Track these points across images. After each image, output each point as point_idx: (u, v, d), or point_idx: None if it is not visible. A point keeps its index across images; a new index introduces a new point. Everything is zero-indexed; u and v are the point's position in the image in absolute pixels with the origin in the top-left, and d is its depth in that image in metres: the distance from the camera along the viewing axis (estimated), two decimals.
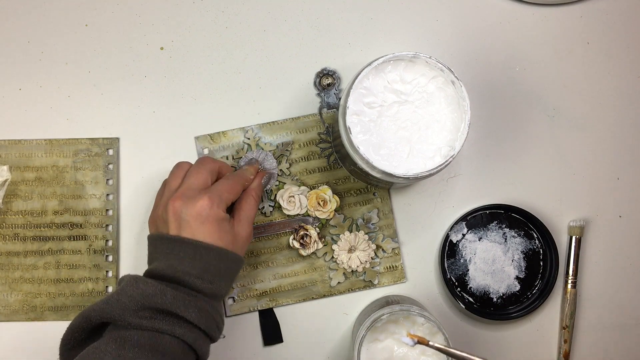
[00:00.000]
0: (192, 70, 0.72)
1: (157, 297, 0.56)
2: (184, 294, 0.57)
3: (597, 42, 0.73)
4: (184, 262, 0.58)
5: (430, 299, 0.71)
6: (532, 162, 0.72)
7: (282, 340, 0.70)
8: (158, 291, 0.56)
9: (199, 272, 0.58)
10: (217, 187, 0.62)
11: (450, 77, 0.61)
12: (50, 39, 0.71)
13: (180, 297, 0.56)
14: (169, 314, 0.56)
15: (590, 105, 0.73)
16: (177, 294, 0.56)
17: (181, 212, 0.59)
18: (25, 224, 0.70)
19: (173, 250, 0.59)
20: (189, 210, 0.59)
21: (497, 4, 0.73)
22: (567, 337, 0.70)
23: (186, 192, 0.60)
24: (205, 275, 0.58)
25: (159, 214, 0.62)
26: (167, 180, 0.64)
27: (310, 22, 0.72)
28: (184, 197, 0.60)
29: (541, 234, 0.70)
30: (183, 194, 0.60)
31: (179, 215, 0.59)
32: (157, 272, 0.58)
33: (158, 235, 0.61)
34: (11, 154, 0.70)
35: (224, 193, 0.61)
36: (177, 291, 0.56)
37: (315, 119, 0.71)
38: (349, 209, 0.71)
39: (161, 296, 0.56)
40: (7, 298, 0.70)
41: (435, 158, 0.61)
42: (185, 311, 0.56)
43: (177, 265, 0.58)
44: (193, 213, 0.59)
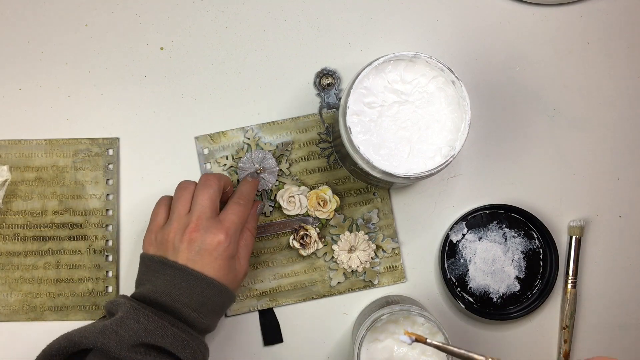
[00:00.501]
0: (192, 70, 0.72)
1: (158, 335, 0.55)
2: (183, 332, 0.57)
3: (597, 42, 0.73)
4: (184, 292, 0.58)
5: (430, 299, 0.71)
6: (532, 162, 0.72)
7: (282, 340, 0.70)
8: (159, 328, 0.56)
9: (195, 305, 0.58)
10: (230, 217, 0.61)
11: (451, 77, 0.61)
12: (50, 39, 0.71)
13: (180, 338, 0.56)
14: (163, 352, 0.56)
15: (590, 105, 0.73)
16: (177, 333, 0.56)
17: (199, 244, 0.59)
18: (25, 224, 0.70)
19: (174, 278, 0.59)
20: (206, 244, 0.59)
21: (497, 4, 0.73)
22: (567, 337, 0.70)
23: (202, 222, 0.60)
24: (201, 309, 0.59)
25: (170, 238, 0.61)
26: (173, 203, 0.63)
27: (310, 22, 0.72)
28: (202, 228, 0.60)
29: (541, 234, 0.70)
30: (200, 224, 0.60)
31: (195, 246, 0.59)
32: (153, 298, 0.58)
33: (161, 259, 0.60)
34: (11, 154, 0.70)
35: (237, 225, 0.61)
36: (177, 329, 0.56)
37: (315, 119, 0.71)
38: (349, 209, 0.71)
39: (162, 335, 0.56)
40: (7, 298, 0.70)
41: (435, 158, 0.61)
42: (182, 352, 0.56)
43: (176, 295, 0.58)
44: (209, 247, 0.59)
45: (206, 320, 0.60)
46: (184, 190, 0.63)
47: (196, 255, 0.59)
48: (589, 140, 0.73)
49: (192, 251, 0.59)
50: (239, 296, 0.70)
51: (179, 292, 0.58)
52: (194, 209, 0.61)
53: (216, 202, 0.62)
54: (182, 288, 0.58)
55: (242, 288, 0.70)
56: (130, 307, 0.57)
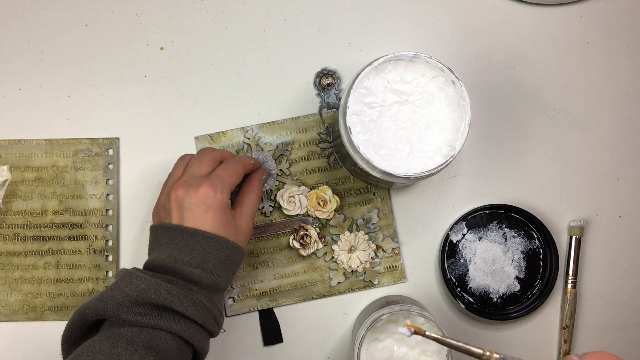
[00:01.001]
0: (192, 70, 0.72)
1: (151, 292, 0.55)
2: (180, 287, 0.56)
3: (597, 42, 0.73)
4: (184, 251, 0.58)
5: (430, 299, 0.71)
6: (532, 162, 0.72)
7: (282, 340, 0.70)
8: (152, 286, 0.55)
9: (198, 261, 0.58)
10: (218, 172, 0.61)
11: (451, 77, 0.61)
12: (50, 39, 0.71)
13: (175, 292, 0.55)
14: (164, 309, 0.56)
15: (590, 105, 0.73)
16: (171, 288, 0.55)
17: (184, 200, 0.59)
18: (25, 224, 0.70)
19: (173, 240, 0.58)
20: (191, 198, 0.59)
21: (497, 4, 0.73)
22: (567, 337, 0.70)
23: (188, 179, 0.60)
24: (204, 265, 0.58)
25: (162, 203, 0.61)
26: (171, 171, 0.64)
27: (310, 22, 0.72)
28: (186, 184, 0.60)
29: (541, 234, 0.70)
30: (185, 181, 0.60)
31: (181, 203, 0.59)
32: (157, 263, 0.58)
33: (159, 225, 0.60)
34: (11, 154, 0.70)
35: (225, 178, 0.61)
36: (172, 285, 0.56)
37: (315, 119, 0.71)
38: (349, 209, 0.71)
39: (155, 291, 0.55)
40: (7, 298, 0.70)
41: (435, 158, 0.61)
42: (180, 305, 0.55)
43: (177, 255, 0.58)
44: (196, 201, 0.58)
45: (212, 276, 0.58)
46: (181, 160, 0.64)
47: (186, 211, 0.58)
48: (589, 140, 0.73)
49: (181, 208, 0.59)
50: (239, 296, 0.70)
51: (179, 252, 0.58)
52: (185, 172, 0.62)
53: (209, 168, 0.62)
54: (181, 247, 0.58)
55: (242, 288, 0.70)
56: (124, 272, 0.57)
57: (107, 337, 0.54)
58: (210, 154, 0.63)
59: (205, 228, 0.58)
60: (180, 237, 0.58)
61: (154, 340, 0.55)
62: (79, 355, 0.53)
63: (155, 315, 0.55)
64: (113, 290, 0.56)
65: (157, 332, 0.55)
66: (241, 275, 0.70)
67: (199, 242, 0.58)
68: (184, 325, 0.56)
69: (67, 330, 0.57)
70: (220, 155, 0.64)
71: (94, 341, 0.54)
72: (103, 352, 0.53)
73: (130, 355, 0.53)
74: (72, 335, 0.57)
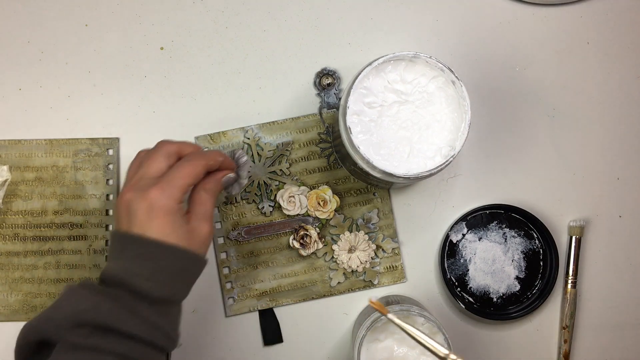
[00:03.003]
0: (192, 70, 0.72)
1: (91, 312, 0.51)
2: (123, 306, 0.51)
3: (597, 42, 0.73)
4: (134, 262, 0.53)
5: (430, 299, 0.71)
6: (532, 162, 0.72)
7: (282, 340, 0.70)
8: (91, 305, 0.51)
9: (149, 273, 0.53)
10: (171, 173, 0.55)
11: (451, 77, 0.61)
12: (50, 39, 0.71)
13: (116, 310, 0.51)
14: (107, 330, 0.51)
15: (590, 105, 0.73)
16: (112, 306, 0.51)
17: (130, 205, 0.54)
18: (25, 224, 0.70)
19: (124, 250, 0.54)
20: (138, 203, 0.53)
21: (497, 4, 0.73)
22: (567, 337, 0.70)
23: (138, 182, 0.55)
24: (156, 277, 0.53)
25: (115, 208, 0.56)
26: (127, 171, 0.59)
27: (310, 22, 0.72)
28: (135, 188, 0.54)
29: (541, 234, 0.70)
30: (134, 185, 0.55)
31: (129, 208, 0.54)
32: (108, 274, 0.54)
33: (113, 232, 0.56)
34: (11, 154, 0.70)
35: (177, 180, 0.55)
36: (116, 302, 0.51)
37: (315, 119, 0.71)
38: (349, 209, 0.71)
39: (94, 311, 0.51)
40: (7, 298, 0.70)
41: (435, 158, 0.61)
42: (124, 325, 0.51)
43: (128, 266, 0.53)
44: (142, 206, 0.53)
45: (165, 288, 0.53)
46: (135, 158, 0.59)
47: (132, 217, 0.53)
48: (589, 140, 0.73)
49: (128, 214, 0.54)
50: (239, 296, 0.70)
51: (130, 263, 0.53)
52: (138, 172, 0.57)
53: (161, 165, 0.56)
54: (132, 258, 0.53)
55: (242, 288, 0.70)
56: (67, 289, 0.53)
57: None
58: (164, 149, 0.57)
59: (154, 235, 0.53)
60: (130, 246, 0.54)
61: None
62: None
63: (99, 336, 0.51)
64: (54, 310, 0.52)
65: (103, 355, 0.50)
66: (241, 275, 0.70)
67: (149, 252, 0.53)
68: (129, 347, 0.51)
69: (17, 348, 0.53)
70: (177, 148, 0.58)
71: None
72: None
73: None
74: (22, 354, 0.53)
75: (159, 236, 0.53)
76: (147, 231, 0.53)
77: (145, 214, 0.53)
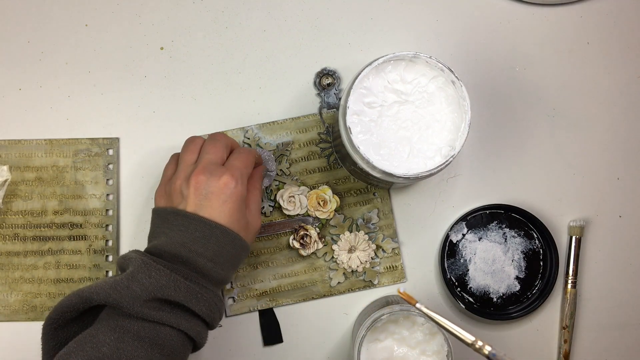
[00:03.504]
0: (192, 70, 0.72)
1: (171, 289, 0.54)
2: (196, 285, 0.55)
3: (597, 42, 0.73)
4: (198, 242, 0.56)
5: (430, 299, 0.71)
6: (532, 162, 0.72)
7: (282, 340, 0.70)
8: (171, 282, 0.54)
9: (211, 254, 0.56)
10: (234, 163, 0.60)
11: (451, 77, 0.61)
12: (50, 39, 0.71)
13: (193, 291, 0.54)
14: (177, 306, 0.55)
15: (590, 105, 0.73)
16: (190, 286, 0.54)
17: (205, 187, 0.57)
18: (25, 224, 0.70)
19: (188, 228, 0.56)
20: (212, 186, 0.57)
21: (497, 4, 0.73)
22: (567, 337, 0.70)
23: (208, 166, 0.58)
24: (217, 259, 0.56)
25: (177, 186, 0.59)
26: (180, 154, 0.62)
27: (310, 22, 0.72)
28: (207, 171, 0.58)
29: (541, 234, 0.70)
30: (205, 168, 0.58)
31: (201, 190, 0.57)
32: (167, 250, 0.56)
33: (172, 210, 0.58)
34: (11, 154, 0.70)
35: (242, 169, 0.59)
36: (191, 282, 0.55)
37: (315, 119, 0.71)
38: (349, 209, 0.71)
39: (175, 288, 0.54)
40: (7, 298, 0.70)
41: (435, 158, 0.61)
42: (196, 305, 0.55)
43: (191, 245, 0.56)
44: (216, 190, 0.57)
45: (222, 271, 0.57)
46: (191, 143, 0.63)
47: (204, 199, 0.57)
48: (589, 140, 0.73)
49: (199, 196, 0.57)
50: (239, 296, 0.70)
51: (193, 242, 0.56)
52: (200, 157, 0.60)
53: (224, 155, 0.60)
54: (197, 238, 0.56)
55: (242, 288, 0.70)
56: (142, 262, 0.54)
57: (112, 329, 0.53)
58: (223, 140, 0.62)
59: (221, 220, 0.57)
60: (196, 226, 0.56)
61: (160, 336, 0.54)
62: (82, 345, 0.52)
63: (167, 311, 0.54)
64: (130, 280, 0.54)
65: (165, 328, 0.54)
66: (241, 275, 0.70)
67: (215, 235, 0.56)
68: (193, 324, 0.55)
69: (58, 311, 0.55)
70: (231, 142, 0.63)
71: (97, 331, 0.53)
72: (108, 345, 0.51)
73: (136, 351, 0.52)
74: (62, 317, 0.55)
75: (227, 222, 0.57)
76: (215, 215, 0.57)
77: (218, 198, 0.57)
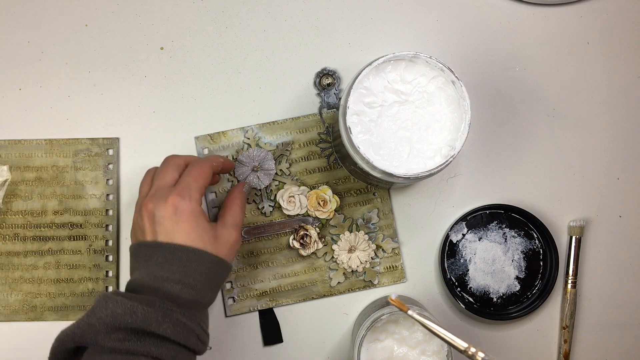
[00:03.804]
0: (192, 70, 0.72)
1: (127, 316, 0.52)
2: (157, 308, 0.53)
3: (597, 42, 0.73)
4: (164, 267, 0.55)
5: (430, 299, 0.71)
6: (532, 162, 0.72)
7: (282, 340, 0.70)
8: (127, 309, 0.53)
9: (179, 277, 0.55)
10: (184, 179, 0.59)
11: (451, 77, 0.61)
12: (50, 39, 0.71)
13: (152, 314, 0.53)
14: (143, 333, 0.53)
15: (590, 105, 0.73)
16: (148, 310, 0.53)
17: (154, 214, 0.57)
18: (25, 224, 0.70)
19: (152, 257, 0.56)
20: (160, 210, 0.56)
21: (497, 4, 0.73)
22: (567, 337, 0.70)
23: (156, 193, 0.58)
24: (185, 280, 0.55)
25: (135, 221, 0.60)
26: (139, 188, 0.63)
27: (310, 22, 0.72)
28: (154, 198, 0.57)
29: (541, 234, 0.70)
30: (152, 195, 0.58)
31: (153, 217, 0.57)
32: (137, 283, 0.56)
33: (137, 244, 0.58)
34: (11, 154, 0.70)
35: (191, 182, 0.58)
36: (150, 307, 0.53)
37: (315, 119, 0.71)
38: (349, 209, 0.71)
39: (131, 315, 0.53)
40: (7, 298, 0.70)
41: (435, 158, 0.61)
42: (159, 328, 0.53)
43: (157, 272, 0.55)
44: (165, 213, 0.56)
45: (194, 291, 0.55)
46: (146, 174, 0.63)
47: (158, 225, 0.56)
48: (589, 140, 0.73)
49: (153, 224, 0.57)
50: (239, 296, 0.70)
51: (159, 269, 0.55)
52: (152, 186, 0.60)
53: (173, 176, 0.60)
54: (161, 264, 0.55)
55: (242, 288, 0.70)
56: (102, 297, 0.54)
57: None
58: (172, 162, 0.61)
59: (180, 240, 0.56)
60: (157, 253, 0.56)
61: None
62: None
63: (134, 340, 0.53)
64: (89, 316, 0.53)
65: (138, 357, 0.53)
66: (241, 275, 0.70)
67: (177, 257, 0.55)
68: (164, 349, 0.53)
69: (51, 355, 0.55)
70: (183, 160, 0.62)
71: None
72: None
73: None
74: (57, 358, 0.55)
75: (186, 240, 0.56)
76: (173, 237, 0.56)
77: (170, 220, 0.56)
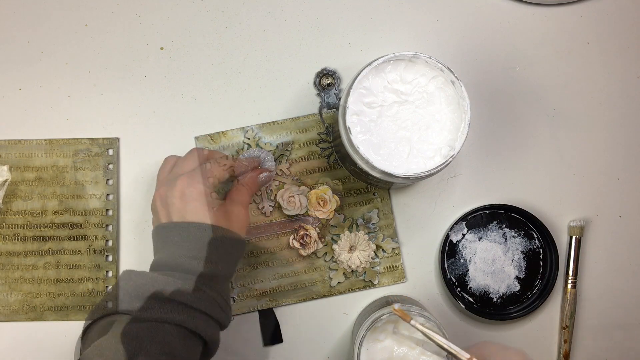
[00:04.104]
0: (192, 70, 0.72)
1: (149, 286, 0.56)
2: (178, 278, 0.57)
3: (597, 42, 0.73)
4: (180, 246, 0.59)
5: (430, 299, 0.71)
6: (532, 162, 0.72)
7: (282, 340, 0.70)
8: (149, 280, 0.56)
9: (195, 252, 0.58)
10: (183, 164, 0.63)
11: (450, 77, 0.61)
12: (50, 39, 0.71)
13: (173, 282, 0.56)
14: (166, 302, 0.56)
15: (590, 105, 0.73)
16: (168, 279, 0.56)
17: (166, 197, 0.60)
18: (25, 224, 0.70)
19: (169, 237, 0.59)
20: (171, 192, 0.60)
21: (497, 4, 0.73)
22: (567, 337, 0.70)
23: (169, 177, 0.62)
24: (201, 255, 0.58)
25: (152, 207, 0.63)
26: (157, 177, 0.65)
27: (310, 22, 0.72)
28: (166, 182, 0.61)
29: (541, 234, 0.70)
30: (163, 181, 0.62)
31: (165, 200, 0.60)
32: (159, 263, 0.59)
33: (155, 227, 0.62)
34: (11, 154, 0.70)
35: (193, 166, 0.62)
36: (171, 277, 0.57)
37: (315, 119, 0.71)
38: (349, 209, 0.71)
39: (153, 284, 0.56)
40: (7, 298, 0.70)
41: (435, 158, 0.61)
42: (181, 295, 0.56)
43: (175, 251, 0.58)
44: (176, 194, 0.60)
45: (211, 264, 0.58)
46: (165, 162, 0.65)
47: (170, 207, 0.60)
48: (589, 140, 0.73)
49: (166, 206, 0.60)
50: (239, 296, 0.70)
51: (176, 248, 0.59)
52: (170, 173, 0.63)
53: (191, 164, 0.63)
54: (177, 243, 0.59)
55: (242, 288, 0.70)
56: (124, 272, 0.58)
57: (114, 335, 0.55)
58: (195, 152, 0.64)
59: (192, 218, 0.59)
60: (173, 233, 0.59)
61: (158, 333, 0.55)
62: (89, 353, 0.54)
63: (158, 308, 0.56)
64: (114, 288, 0.57)
65: (162, 325, 0.55)
66: (241, 275, 0.70)
67: (192, 234, 0.59)
68: (187, 316, 0.56)
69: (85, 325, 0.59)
70: (206, 154, 0.64)
71: (101, 340, 0.55)
72: (110, 349, 0.53)
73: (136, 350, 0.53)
74: None
75: (198, 218, 0.59)
76: (185, 216, 0.59)
77: (179, 201, 0.59)
